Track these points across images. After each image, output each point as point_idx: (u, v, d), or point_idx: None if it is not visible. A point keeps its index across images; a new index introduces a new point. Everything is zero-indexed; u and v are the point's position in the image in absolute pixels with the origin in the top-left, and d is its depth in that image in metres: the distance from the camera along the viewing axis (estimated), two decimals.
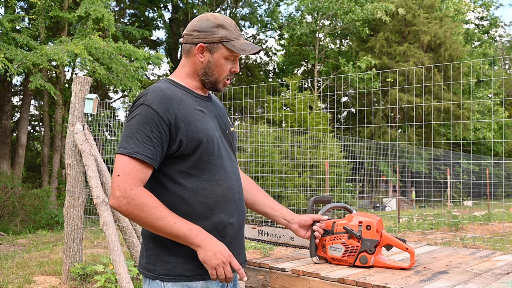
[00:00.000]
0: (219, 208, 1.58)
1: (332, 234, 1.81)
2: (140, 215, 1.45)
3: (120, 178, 1.46)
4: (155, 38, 22.79)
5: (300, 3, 21.75)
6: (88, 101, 4.97)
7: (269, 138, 11.52)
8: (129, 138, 1.49)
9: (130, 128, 1.50)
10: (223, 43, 1.61)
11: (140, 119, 1.50)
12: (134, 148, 1.47)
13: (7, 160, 13.63)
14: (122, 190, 1.46)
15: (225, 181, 1.60)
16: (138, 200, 1.45)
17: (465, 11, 25.76)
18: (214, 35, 1.61)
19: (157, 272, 1.54)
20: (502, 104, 24.80)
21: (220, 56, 1.62)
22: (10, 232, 9.32)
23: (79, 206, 5.01)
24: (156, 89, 1.56)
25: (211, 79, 1.65)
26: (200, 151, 1.55)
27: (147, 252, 1.59)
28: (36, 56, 9.95)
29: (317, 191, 11.47)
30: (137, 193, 1.46)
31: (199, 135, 1.55)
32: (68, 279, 4.96)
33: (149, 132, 1.49)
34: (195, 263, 1.52)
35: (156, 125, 1.49)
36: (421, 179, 15.34)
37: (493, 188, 19.41)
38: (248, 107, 17.89)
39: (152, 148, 1.49)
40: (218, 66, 1.63)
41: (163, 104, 1.52)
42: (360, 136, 20.39)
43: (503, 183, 19.85)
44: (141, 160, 1.48)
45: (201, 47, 1.62)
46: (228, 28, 1.62)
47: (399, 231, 8.56)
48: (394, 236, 1.76)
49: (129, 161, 1.47)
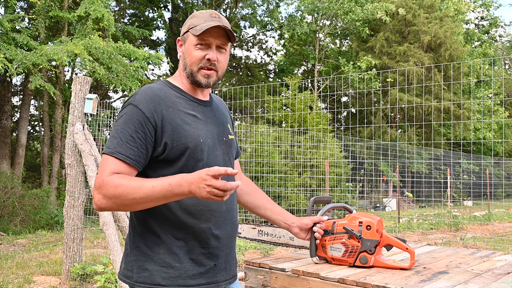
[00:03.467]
0: (202, 218, 1.52)
1: (332, 234, 1.81)
2: (119, 197, 1.37)
3: (98, 176, 1.43)
4: (155, 38, 22.80)
5: (300, 3, 21.75)
6: (88, 101, 4.97)
7: (269, 138, 11.52)
8: (113, 138, 1.46)
9: (116, 127, 1.48)
10: (190, 30, 1.59)
11: (125, 118, 1.47)
12: (116, 148, 1.44)
13: (7, 160, 13.63)
14: (97, 184, 1.41)
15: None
16: (110, 184, 1.39)
17: (465, 11, 25.77)
18: (185, 26, 1.62)
19: (134, 279, 1.50)
20: (502, 104, 24.80)
21: (190, 44, 1.59)
22: (10, 232, 9.32)
23: (79, 206, 5.00)
24: (147, 89, 1.53)
25: (187, 70, 1.60)
26: (186, 157, 1.50)
27: (126, 258, 1.56)
28: (36, 56, 9.95)
29: (317, 191, 11.47)
30: (107, 180, 1.40)
31: (186, 140, 1.50)
32: (68, 279, 4.95)
33: (133, 132, 1.45)
34: (173, 272, 1.48)
35: (141, 125, 1.46)
36: (421, 179, 15.34)
37: (493, 188, 19.41)
38: (248, 107, 17.89)
39: (135, 148, 1.45)
40: (189, 55, 1.59)
41: (150, 104, 1.48)
42: (360, 136, 20.39)
43: (503, 183, 19.86)
44: (122, 161, 1.43)
45: (178, 41, 1.64)
46: (198, 16, 1.59)
47: (399, 231, 8.56)
48: (394, 236, 1.76)
49: (111, 160, 1.43)
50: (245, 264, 1.96)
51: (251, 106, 18.95)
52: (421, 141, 20.34)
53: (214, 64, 1.58)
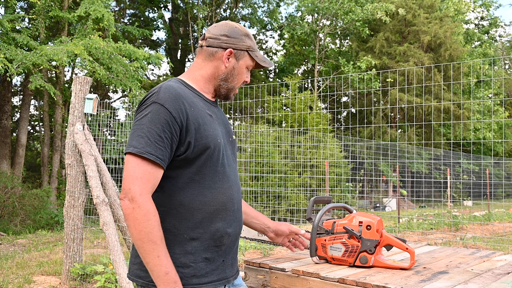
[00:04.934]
0: (218, 216, 1.55)
1: (332, 234, 1.81)
2: (137, 227, 1.40)
3: (132, 180, 1.42)
4: (155, 38, 22.79)
5: (300, 3, 21.75)
6: (88, 101, 4.97)
7: (269, 138, 11.52)
8: (140, 137, 1.44)
9: (141, 126, 1.46)
10: (249, 52, 1.67)
11: (152, 118, 1.46)
12: (145, 148, 1.43)
13: (7, 160, 13.63)
14: (133, 194, 1.41)
15: (227, 190, 1.58)
16: (143, 210, 1.40)
17: (465, 11, 25.76)
18: (243, 43, 1.66)
19: (148, 279, 1.49)
20: (502, 104, 24.80)
21: (244, 64, 1.67)
22: (10, 232, 9.32)
23: (79, 206, 5.01)
24: (169, 88, 1.52)
25: (229, 85, 1.66)
26: (205, 156, 1.52)
27: (137, 259, 1.54)
28: (36, 56, 9.94)
29: (317, 191, 11.47)
30: (147, 203, 1.42)
31: (207, 140, 1.52)
32: (68, 279, 4.96)
33: (161, 132, 1.45)
34: (188, 271, 1.50)
35: (169, 125, 1.46)
36: (421, 179, 15.34)
37: (493, 188, 19.41)
38: (248, 107, 17.88)
39: (163, 148, 1.45)
40: (240, 74, 1.68)
41: (176, 103, 1.48)
42: (360, 136, 20.39)
43: (503, 183, 19.86)
44: (152, 161, 1.44)
45: (230, 52, 1.64)
46: (252, 39, 1.70)
47: (399, 231, 8.56)
48: (394, 236, 1.76)
49: (141, 162, 1.43)
50: (245, 264, 1.97)
51: (251, 106, 18.95)
52: (421, 141, 20.34)
53: None
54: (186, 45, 23.11)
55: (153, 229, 1.41)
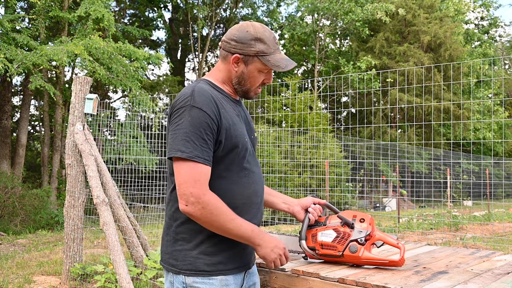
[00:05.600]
0: (244, 210, 1.64)
1: (325, 225, 1.80)
2: (214, 219, 1.52)
3: (190, 184, 1.51)
4: (155, 38, 22.80)
5: (300, 3, 21.75)
6: (88, 101, 4.97)
7: (269, 138, 11.52)
8: (185, 141, 1.51)
9: (184, 130, 1.52)
10: (259, 57, 1.65)
11: (193, 121, 1.52)
12: (193, 152, 1.51)
13: (7, 160, 13.63)
14: (196, 196, 1.51)
15: (252, 184, 1.67)
16: (212, 205, 1.52)
17: (465, 11, 25.76)
18: (251, 48, 1.64)
19: (179, 267, 1.61)
20: (502, 104, 24.79)
21: (254, 68, 1.67)
22: (10, 232, 9.32)
23: (79, 206, 5.01)
24: (202, 91, 1.58)
25: (243, 88, 1.71)
26: (233, 154, 1.61)
27: (168, 248, 1.66)
28: (36, 56, 9.94)
29: (317, 191, 11.47)
30: (210, 198, 1.52)
31: (236, 139, 1.60)
32: (68, 279, 4.96)
33: (204, 135, 1.52)
34: (216, 259, 1.60)
35: (209, 127, 1.53)
36: (421, 179, 15.34)
37: (493, 188, 19.41)
38: (248, 107, 17.88)
39: (208, 150, 1.54)
40: (251, 78, 1.69)
41: (212, 105, 1.55)
42: (360, 136, 20.39)
43: (503, 183, 19.86)
44: (202, 164, 1.52)
45: (237, 58, 1.65)
46: (266, 42, 1.65)
47: (399, 231, 8.56)
48: (386, 234, 1.77)
49: (193, 166, 1.51)
50: None
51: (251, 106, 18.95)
52: (421, 141, 20.34)
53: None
54: (186, 45, 23.11)
55: (226, 212, 1.54)
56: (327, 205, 1.91)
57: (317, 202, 1.87)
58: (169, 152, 1.54)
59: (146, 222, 7.94)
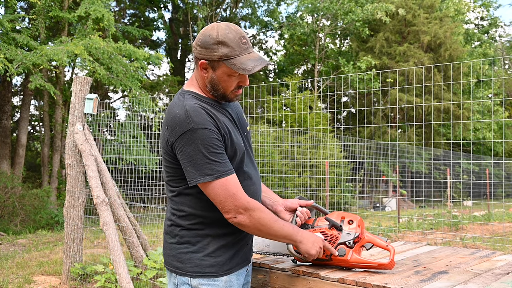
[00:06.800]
0: None
1: (312, 228, 1.78)
2: (261, 223, 1.58)
3: (231, 199, 1.56)
4: (155, 38, 22.79)
5: (300, 3, 21.74)
6: (88, 101, 4.97)
7: (269, 138, 11.52)
8: (207, 164, 1.54)
9: (200, 155, 1.54)
10: (223, 61, 1.58)
11: (204, 142, 1.54)
12: (219, 170, 1.55)
13: (7, 160, 13.63)
14: (243, 207, 1.57)
15: (251, 186, 1.71)
16: (257, 210, 1.58)
17: (465, 11, 25.75)
18: (214, 52, 1.57)
19: (184, 269, 1.64)
20: (502, 104, 24.79)
21: (223, 73, 1.61)
22: (10, 232, 9.32)
23: (79, 206, 5.01)
24: (195, 109, 1.57)
25: (218, 93, 1.66)
26: (233, 161, 1.64)
27: (173, 251, 1.68)
28: (36, 56, 9.94)
29: (317, 191, 11.47)
30: (254, 204, 1.59)
31: (234, 146, 1.64)
32: (68, 279, 4.96)
33: (217, 149, 1.56)
34: (220, 259, 1.64)
35: (218, 140, 1.57)
36: (421, 179, 15.33)
37: (493, 188, 19.42)
38: (248, 107, 17.87)
39: (226, 159, 1.58)
40: (223, 82, 1.63)
41: (210, 120, 1.57)
42: (360, 136, 20.39)
43: (503, 183, 19.85)
44: (230, 175, 1.57)
45: (203, 64, 1.61)
46: (229, 45, 1.56)
47: (399, 231, 8.56)
48: (375, 236, 1.75)
49: (224, 181, 1.55)
50: None
51: (251, 106, 18.94)
52: (421, 141, 20.34)
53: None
54: (186, 45, 23.11)
55: (268, 214, 1.61)
56: (315, 206, 1.87)
57: (304, 204, 1.84)
58: (196, 179, 1.55)
59: (146, 222, 7.94)
